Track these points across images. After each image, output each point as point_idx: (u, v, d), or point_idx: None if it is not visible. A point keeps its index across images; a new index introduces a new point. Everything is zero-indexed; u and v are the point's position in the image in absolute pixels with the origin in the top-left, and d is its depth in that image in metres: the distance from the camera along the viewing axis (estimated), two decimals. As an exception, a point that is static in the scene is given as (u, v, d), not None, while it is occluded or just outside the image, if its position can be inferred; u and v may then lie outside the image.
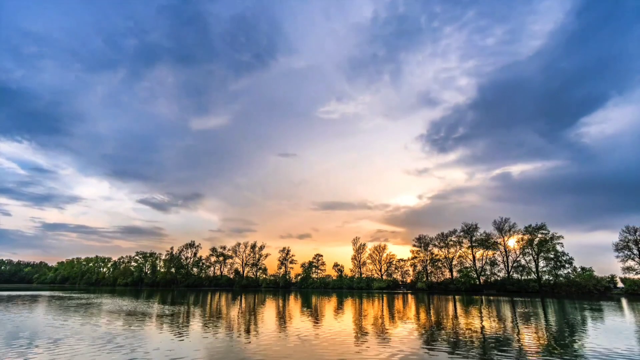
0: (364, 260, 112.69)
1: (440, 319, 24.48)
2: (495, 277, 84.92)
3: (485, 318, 25.04)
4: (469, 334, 16.94)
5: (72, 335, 15.55)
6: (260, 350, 12.72)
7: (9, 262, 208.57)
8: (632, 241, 70.11)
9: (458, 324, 21.22)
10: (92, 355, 11.52)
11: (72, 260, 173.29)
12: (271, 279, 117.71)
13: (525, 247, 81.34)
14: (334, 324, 20.73)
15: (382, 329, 18.62)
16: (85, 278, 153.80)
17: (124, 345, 13.38)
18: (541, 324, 21.51)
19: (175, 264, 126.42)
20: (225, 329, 17.96)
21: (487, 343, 14.69)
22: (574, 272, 74.40)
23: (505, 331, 18.07)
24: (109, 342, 13.94)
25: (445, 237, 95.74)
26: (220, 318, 23.59)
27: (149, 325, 19.30)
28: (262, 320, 22.71)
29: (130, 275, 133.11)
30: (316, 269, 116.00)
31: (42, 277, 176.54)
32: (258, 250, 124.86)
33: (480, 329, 19.11)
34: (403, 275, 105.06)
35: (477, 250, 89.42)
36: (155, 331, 17.23)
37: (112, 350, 12.38)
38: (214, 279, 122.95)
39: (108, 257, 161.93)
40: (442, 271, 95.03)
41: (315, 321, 22.25)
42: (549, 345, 14.16)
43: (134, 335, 15.63)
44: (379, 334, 16.85)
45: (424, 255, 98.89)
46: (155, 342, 14.22)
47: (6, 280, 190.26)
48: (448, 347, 13.47)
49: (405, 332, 17.70)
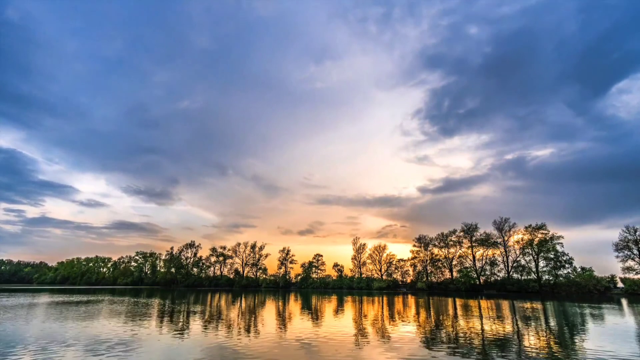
0: (364, 260, 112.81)
1: (440, 319, 24.47)
2: (495, 277, 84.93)
3: (485, 318, 25.02)
4: (469, 335, 16.93)
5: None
6: (259, 353, 12.69)
7: (9, 262, 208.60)
8: (632, 241, 70.12)
9: (458, 324, 21.21)
10: (92, 356, 11.52)
11: (72, 260, 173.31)
12: (271, 279, 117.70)
13: (525, 247, 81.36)
14: (334, 326, 20.72)
15: (382, 331, 18.61)
16: (85, 278, 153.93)
17: (123, 347, 13.37)
18: (541, 325, 21.50)
19: (175, 264, 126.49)
20: (225, 331, 17.95)
21: (487, 343, 14.68)
22: (574, 272, 74.40)
23: (505, 332, 18.06)
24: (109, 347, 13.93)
25: (445, 237, 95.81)
26: (220, 319, 23.57)
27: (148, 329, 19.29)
28: (262, 323, 22.70)
29: (130, 275, 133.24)
30: (316, 269, 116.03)
31: (42, 277, 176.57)
32: (258, 250, 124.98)
33: (480, 329, 19.10)
34: (403, 275, 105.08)
35: (477, 250, 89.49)
36: (153, 335, 17.22)
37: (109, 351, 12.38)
38: (214, 279, 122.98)
39: (108, 257, 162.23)
40: (442, 271, 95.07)
41: (315, 323, 22.24)
42: (548, 346, 14.15)
43: (134, 338, 15.62)
44: (379, 336, 16.83)
45: (424, 255, 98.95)
46: (154, 345, 14.21)
47: (6, 280, 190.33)
48: (448, 348, 13.46)
49: (406, 333, 17.69)
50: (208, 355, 12.02)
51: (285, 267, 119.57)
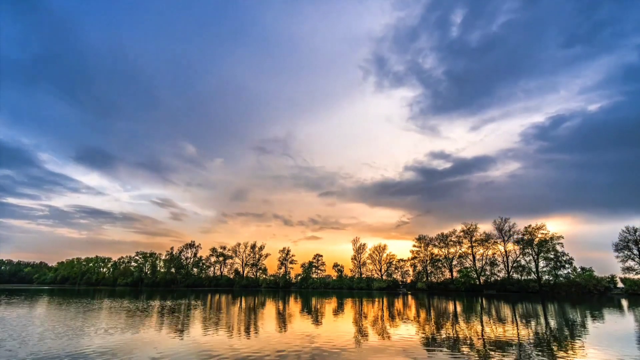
0: (363, 260, 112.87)
1: (440, 320, 24.45)
2: (495, 277, 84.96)
3: (485, 319, 25.00)
4: (469, 335, 16.91)
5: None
6: (259, 356, 12.67)
7: (8, 262, 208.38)
8: (632, 241, 70.13)
9: (458, 325, 21.19)
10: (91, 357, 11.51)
11: (72, 260, 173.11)
12: (271, 279, 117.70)
13: (525, 247, 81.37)
14: (334, 327, 20.70)
15: (382, 332, 18.59)
16: (85, 278, 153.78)
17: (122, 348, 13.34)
18: (541, 325, 21.48)
19: (175, 264, 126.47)
20: (225, 333, 17.93)
21: (487, 344, 14.65)
22: (574, 272, 74.42)
23: (505, 332, 18.03)
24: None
25: (445, 237, 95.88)
26: (219, 322, 23.55)
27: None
28: (262, 326, 22.67)
29: (130, 276, 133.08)
30: (316, 269, 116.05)
31: (42, 277, 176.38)
32: (258, 250, 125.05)
33: (480, 330, 19.08)
34: (403, 276, 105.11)
35: (477, 250, 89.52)
36: (152, 340, 17.20)
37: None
38: (214, 279, 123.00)
39: (108, 257, 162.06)
40: (442, 271, 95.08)
41: (315, 324, 22.23)
42: (548, 347, 14.13)
43: (134, 341, 15.59)
44: (379, 337, 16.80)
45: (424, 255, 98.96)
46: (152, 349, 14.19)
47: (6, 280, 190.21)
48: (448, 349, 13.43)
49: (406, 333, 17.66)
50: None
51: (285, 267, 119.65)
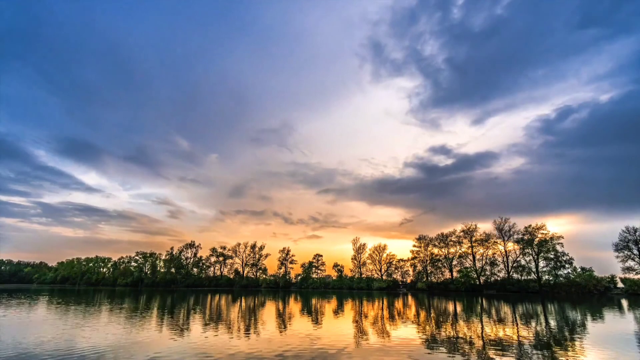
0: (364, 260, 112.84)
1: (440, 320, 24.45)
2: (495, 277, 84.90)
3: (485, 319, 25.00)
4: (469, 335, 16.92)
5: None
6: (259, 357, 12.67)
7: (8, 262, 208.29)
8: (632, 241, 70.10)
9: (458, 324, 21.19)
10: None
11: (72, 260, 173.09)
12: (271, 279, 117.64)
13: (525, 247, 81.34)
14: (334, 327, 20.70)
15: (382, 332, 18.59)
16: (85, 278, 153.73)
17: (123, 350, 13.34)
18: (541, 325, 21.48)
19: (175, 264, 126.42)
20: (226, 335, 17.93)
21: (487, 344, 14.65)
22: (574, 272, 74.39)
23: (505, 332, 18.03)
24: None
25: (445, 237, 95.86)
26: (219, 322, 23.55)
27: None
28: (262, 327, 22.69)
29: (130, 276, 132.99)
30: (316, 269, 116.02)
31: (42, 277, 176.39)
32: (258, 250, 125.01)
33: (480, 330, 19.08)
34: (403, 276, 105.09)
35: (477, 250, 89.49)
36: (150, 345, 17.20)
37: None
38: (214, 279, 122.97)
39: (108, 257, 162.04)
40: (442, 271, 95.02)
41: (315, 324, 22.23)
42: (548, 347, 14.13)
43: (134, 342, 15.60)
44: (379, 337, 16.80)
45: (424, 255, 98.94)
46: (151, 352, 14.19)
47: (6, 280, 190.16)
48: (448, 349, 13.43)
49: (406, 334, 17.67)
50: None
51: (285, 268, 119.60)
